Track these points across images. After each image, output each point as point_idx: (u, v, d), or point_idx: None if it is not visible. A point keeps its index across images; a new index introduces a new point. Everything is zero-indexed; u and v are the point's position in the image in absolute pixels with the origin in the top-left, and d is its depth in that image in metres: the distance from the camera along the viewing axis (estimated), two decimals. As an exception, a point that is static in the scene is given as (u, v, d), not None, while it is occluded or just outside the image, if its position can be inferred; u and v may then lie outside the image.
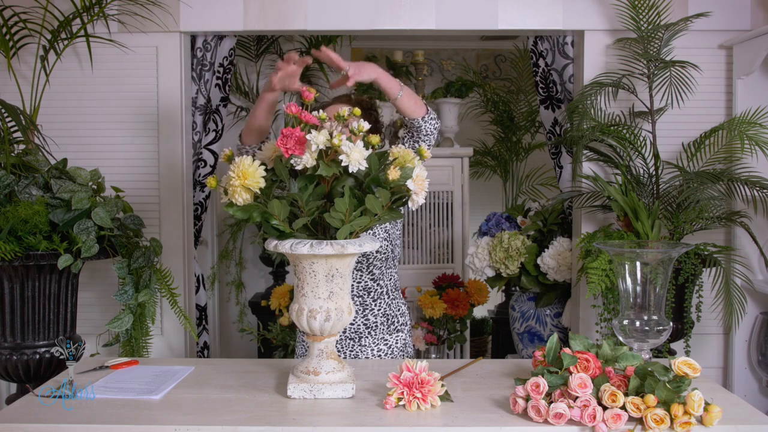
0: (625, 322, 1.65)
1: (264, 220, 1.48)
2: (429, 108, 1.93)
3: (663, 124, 2.67)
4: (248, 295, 4.15)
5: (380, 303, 2.08)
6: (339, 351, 2.07)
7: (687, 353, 2.51)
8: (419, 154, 1.55)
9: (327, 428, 1.36)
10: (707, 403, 1.35)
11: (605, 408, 1.35)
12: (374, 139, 1.48)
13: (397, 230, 2.13)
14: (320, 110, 1.53)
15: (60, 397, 1.52)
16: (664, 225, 2.49)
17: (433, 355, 3.34)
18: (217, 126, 3.03)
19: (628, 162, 2.64)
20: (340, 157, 1.43)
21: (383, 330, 2.09)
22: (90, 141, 2.79)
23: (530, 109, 4.38)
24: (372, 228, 1.80)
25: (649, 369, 1.39)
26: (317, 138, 1.43)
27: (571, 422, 1.35)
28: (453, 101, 3.84)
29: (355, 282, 2.06)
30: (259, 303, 3.68)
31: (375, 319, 2.08)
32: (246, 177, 1.45)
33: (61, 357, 2.29)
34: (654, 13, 2.57)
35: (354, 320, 2.06)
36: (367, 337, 2.07)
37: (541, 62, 3.00)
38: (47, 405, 1.48)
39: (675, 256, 1.69)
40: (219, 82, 2.99)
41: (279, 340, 3.25)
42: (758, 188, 2.43)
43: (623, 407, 1.34)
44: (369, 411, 1.44)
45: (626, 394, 1.36)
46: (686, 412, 1.32)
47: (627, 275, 1.65)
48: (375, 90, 3.51)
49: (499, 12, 2.77)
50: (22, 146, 2.46)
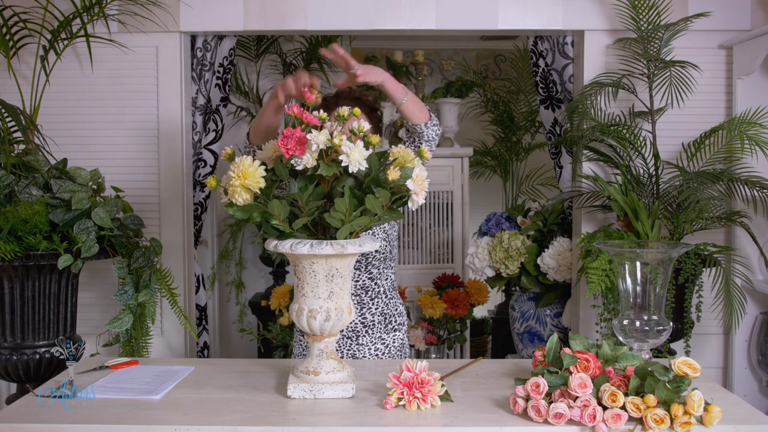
0: (625, 322, 1.65)
1: (264, 220, 1.48)
2: (432, 114, 1.93)
3: (663, 124, 2.67)
4: (248, 295, 4.14)
5: (378, 302, 2.09)
6: (336, 349, 2.07)
7: (687, 353, 2.51)
8: (420, 155, 1.55)
9: (327, 428, 1.36)
10: (707, 403, 1.35)
11: (605, 408, 1.35)
12: (374, 139, 1.48)
13: (395, 231, 2.14)
14: (320, 110, 1.52)
15: (60, 397, 1.52)
16: (664, 225, 2.49)
17: (433, 355, 3.34)
18: (217, 126, 3.03)
19: (628, 162, 2.64)
20: (341, 157, 1.43)
21: (380, 329, 2.09)
22: (90, 141, 2.79)
23: (530, 109, 4.38)
24: (371, 228, 1.80)
25: (649, 369, 1.39)
26: (318, 137, 1.43)
27: (571, 422, 1.35)
28: (453, 101, 3.84)
29: (353, 281, 2.06)
30: (259, 303, 3.67)
31: (372, 318, 2.08)
32: (246, 177, 1.45)
33: (61, 357, 2.28)
34: (654, 13, 2.57)
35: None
36: (365, 336, 2.07)
37: (541, 62, 3.00)
38: (47, 405, 1.48)
39: (675, 256, 1.69)
40: (219, 82, 2.99)
41: (279, 340, 3.25)
42: (758, 188, 2.44)
43: (623, 407, 1.34)
44: (369, 411, 1.44)
45: (626, 394, 1.36)
46: (686, 412, 1.32)
47: (627, 275, 1.65)
48: (375, 89, 3.50)
49: (499, 12, 2.77)
50: (22, 146, 2.46)
